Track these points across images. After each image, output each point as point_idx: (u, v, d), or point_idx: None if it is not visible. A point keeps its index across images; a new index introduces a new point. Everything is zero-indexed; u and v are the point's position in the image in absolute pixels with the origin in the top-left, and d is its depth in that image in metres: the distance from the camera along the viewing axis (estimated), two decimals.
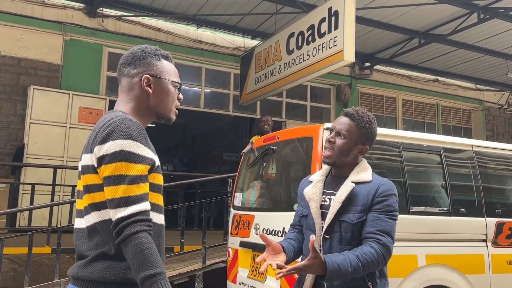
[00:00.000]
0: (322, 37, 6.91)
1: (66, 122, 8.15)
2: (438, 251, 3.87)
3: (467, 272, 3.93)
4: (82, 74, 8.46)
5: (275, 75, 8.02)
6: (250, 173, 4.89)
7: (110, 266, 1.55)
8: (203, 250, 5.76)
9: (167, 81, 1.77)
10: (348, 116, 2.23)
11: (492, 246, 4.11)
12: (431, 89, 11.87)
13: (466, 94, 12.36)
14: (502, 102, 12.70)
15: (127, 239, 1.47)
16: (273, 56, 8.11)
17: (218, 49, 9.60)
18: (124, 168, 1.52)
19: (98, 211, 1.59)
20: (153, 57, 1.78)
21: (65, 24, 8.40)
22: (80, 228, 1.66)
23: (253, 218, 4.35)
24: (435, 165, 4.15)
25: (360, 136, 2.20)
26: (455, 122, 12.43)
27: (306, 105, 10.74)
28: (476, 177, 4.21)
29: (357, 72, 10.83)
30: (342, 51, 6.49)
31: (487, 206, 4.17)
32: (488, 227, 4.12)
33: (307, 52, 7.22)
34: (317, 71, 7.07)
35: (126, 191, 1.51)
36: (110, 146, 1.54)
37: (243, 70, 9.24)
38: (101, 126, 1.62)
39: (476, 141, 4.47)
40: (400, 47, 9.87)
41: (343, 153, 2.19)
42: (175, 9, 8.69)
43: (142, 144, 1.58)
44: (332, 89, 10.98)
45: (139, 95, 1.74)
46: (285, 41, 7.77)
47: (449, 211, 4.01)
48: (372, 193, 2.10)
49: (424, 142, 4.14)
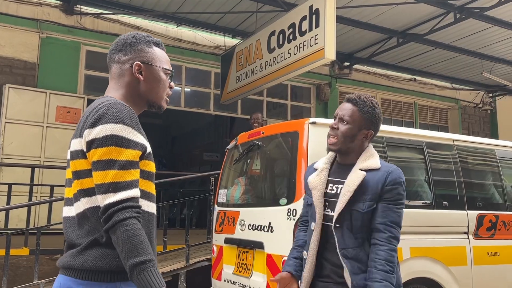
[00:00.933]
0: (303, 35, 6.94)
1: (43, 121, 7.99)
2: (422, 244, 3.94)
3: (450, 264, 4.01)
4: (59, 73, 8.30)
5: (256, 73, 8.02)
6: (234, 170, 4.88)
7: (103, 254, 1.51)
8: (186, 249, 5.72)
9: (158, 68, 1.75)
10: (350, 101, 2.22)
11: (474, 238, 4.20)
12: (408, 88, 12.06)
13: (442, 93, 12.59)
14: (477, 101, 12.98)
15: (115, 225, 1.44)
16: (254, 54, 8.11)
17: (198, 47, 9.56)
18: (114, 153, 1.49)
19: (88, 197, 1.55)
20: (144, 43, 1.76)
21: (41, 22, 8.23)
22: (70, 216, 1.62)
23: (238, 214, 4.35)
24: (418, 159, 4.22)
25: (364, 120, 2.18)
26: (432, 121, 12.65)
27: (287, 104, 10.79)
28: (458, 171, 4.30)
29: (336, 71, 10.93)
30: (323, 49, 6.53)
31: (468, 199, 4.26)
32: (470, 220, 4.21)
33: (288, 51, 7.24)
34: (298, 69, 7.09)
35: (116, 176, 1.47)
36: (101, 130, 1.50)
37: (223, 69, 9.21)
38: (91, 110, 1.59)
39: (457, 136, 4.56)
40: (378, 47, 10.00)
41: (347, 139, 2.16)
42: (154, 7, 8.62)
43: (133, 129, 1.55)
44: (312, 88, 11.06)
45: (129, 82, 1.72)
46: (266, 39, 7.78)
47: (432, 205, 4.08)
48: (382, 181, 2.09)
49: (407, 136, 4.21)
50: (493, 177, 4.61)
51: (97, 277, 1.51)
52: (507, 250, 4.37)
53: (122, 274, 1.51)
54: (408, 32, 9.31)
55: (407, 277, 3.78)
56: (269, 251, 3.81)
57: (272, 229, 3.82)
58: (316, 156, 3.63)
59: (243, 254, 4.19)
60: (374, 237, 2.08)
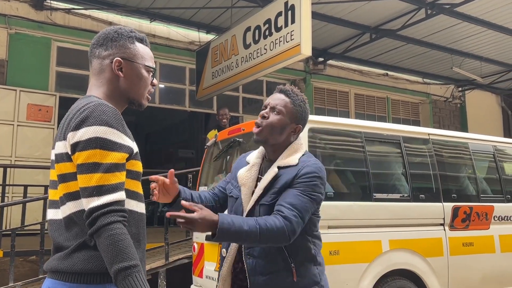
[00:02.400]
0: (279, 31, 6.97)
1: (14, 119, 7.80)
2: (401, 236, 4.04)
3: (427, 255, 4.12)
4: (29, 70, 8.10)
5: (232, 69, 8.02)
6: (214, 167, 4.88)
7: (92, 256, 1.50)
8: (165, 247, 5.69)
9: (139, 65, 1.72)
10: (283, 92, 2.14)
11: (449, 230, 4.33)
12: (381, 83, 12.24)
13: (414, 88, 12.83)
14: (447, 95, 13.28)
15: (100, 229, 1.43)
16: (229, 50, 8.10)
17: (172, 43, 9.48)
18: (99, 156, 1.48)
19: (74, 201, 1.54)
20: (127, 39, 1.73)
21: (9, 17, 8.00)
22: (57, 219, 1.60)
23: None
24: (395, 153, 4.32)
25: (294, 113, 2.11)
26: (404, 115, 12.89)
27: (263, 100, 10.80)
28: (434, 164, 4.42)
29: (311, 67, 11.01)
30: (299, 45, 6.56)
31: (444, 191, 4.39)
32: (445, 212, 4.33)
33: (264, 46, 7.26)
34: (274, 65, 7.10)
35: (101, 179, 1.46)
36: (85, 132, 1.49)
37: (199, 65, 9.17)
38: (75, 111, 1.57)
39: (433, 130, 4.68)
40: (352, 42, 10.11)
41: (276, 130, 2.08)
42: (127, 2, 8.50)
43: (118, 131, 1.53)
44: (287, 84, 11.08)
45: (110, 78, 1.69)
46: (241, 35, 7.78)
47: (409, 198, 4.19)
48: (293, 175, 2.00)
49: (385, 131, 4.29)
50: (466, 170, 4.76)
51: (86, 280, 1.50)
52: (481, 240, 4.53)
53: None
54: (381, 27, 9.45)
55: (386, 269, 3.89)
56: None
57: None
58: None
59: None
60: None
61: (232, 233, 1.80)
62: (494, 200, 4.76)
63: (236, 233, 1.81)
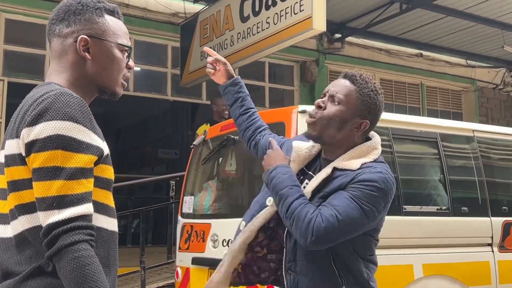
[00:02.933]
0: (285, 0, 6.96)
1: None
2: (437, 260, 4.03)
3: (471, 284, 4.12)
4: None
5: (226, 48, 8.02)
6: (202, 172, 4.88)
7: (50, 285, 1.49)
8: (141, 272, 5.71)
9: (111, 43, 1.72)
10: (348, 78, 2.16)
11: (499, 251, 4.32)
12: (414, 66, 12.20)
13: (455, 72, 12.79)
14: (497, 81, 13.25)
15: (61, 251, 1.41)
16: (223, 24, 8.09)
17: (150, 15, 9.44)
18: (60, 158, 1.46)
19: (28, 214, 1.53)
20: (94, 11, 1.71)
21: None
22: (6, 237, 1.59)
23: (209, 228, 4.35)
24: (431, 155, 4.30)
25: (361, 105, 2.10)
26: (442, 106, 12.87)
27: (264, 86, 10.80)
28: (479, 169, 4.40)
29: (325, 45, 10.97)
30: (311, 18, 6.54)
31: (492, 203, 4.37)
32: (494, 229, 4.32)
33: (266, 19, 7.24)
34: (279, 42, 7.11)
35: (63, 188, 1.44)
36: (43, 128, 1.47)
37: (184, 43, 9.18)
38: (31, 102, 1.55)
39: (478, 126, 4.67)
40: (377, 14, 10.05)
41: (334, 124, 2.08)
42: None
43: (85, 127, 1.52)
44: (296, 67, 11.10)
45: (74, 61, 1.68)
46: (238, 5, 7.77)
47: (448, 211, 4.17)
48: (349, 179, 2.02)
49: (418, 127, 4.28)
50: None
51: None
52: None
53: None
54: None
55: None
56: None
57: None
58: None
59: None
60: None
61: (277, 179, 2.08)
62: None
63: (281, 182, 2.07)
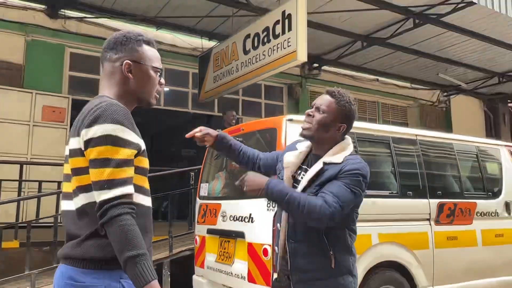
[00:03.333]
0: (277, 38, 6.92)
1: (30, 120, 7.77)
2: (389, 230, 4.01)
3: (413, 248, 4.10)
4: (44, 74, 8.08)
5: (232, 73, 7.98)
6: (214, 165, 4.86)
7: (102, 244, 1.50)
8: (169, 240, 5.67)
9: (147, 66, 1.72)
10: (329, 93, 2.19)
11: (435, 225, 4.30)
12: (372, 88, 12.18)
13: (402, 93, 12.78)
14: (433, 100, 13.25)
15: (111, 220, 1.44)
16: (230, 56, 8.06)
17: (177, 49, 9.43)
18: (110, 152, 1.49)
19: (85, 193, 1.55)
20: (135, 42, 1.72)
21: (27, 25, 7.98)
22: (70, 210, 1.61)
23: (219, 207, 4.34)
24: (385, 153, 4.29)
25: (338, 113, 2.14)
26: (393, 118, 12.83)
27: (261, 102, 10.78)
28: (420, 163, 4.39)
29: (306, 72, 10.97)
30: (296, 52, 6.52)
31: (430, 189, 4.36)
32: (431, 208, 4.31)
33: (262, 52, 7.21)
34: (272, 70, 7.06)
35: (111, 174, 1.47)
36: (97, 129, 1.50)
37: (201, 70, 9.13)
38: (89, 110, 1.57)
39: (420, 131, 4.65)
40: (345, 49, 10.07)
41: (321, 127, 2.13)
42: (135, 11, 8.47)
43: (128, 129, 1.54)
44: (284, 88, 11.09)
45: (120, 80, 1.69)
46: (241, 42, 7.74)
47: (398, 194, 4.16)
48: (337, 171, 2.04)
49: (375, 132, 4.27)
50: (451, 169, 4.74)
51: (96, 266, 1.51)
52: (464, 235, 4.51)
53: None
54: (371, 36, 9.41)
55: (375, 261, 3.86)
56: (250, 240, 3.81)
57: (252, 220, 3.82)
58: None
59: (225, 243, 4.17)
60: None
61: (276, 191, 1.97)
62: (477, 197, 4.73)
63: (279, 192, 1.97)
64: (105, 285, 1.50)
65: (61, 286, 1.55)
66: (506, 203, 4.92)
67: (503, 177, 5.05)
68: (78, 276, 1.51)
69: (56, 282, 1.59)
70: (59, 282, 1.56)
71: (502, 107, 14.08)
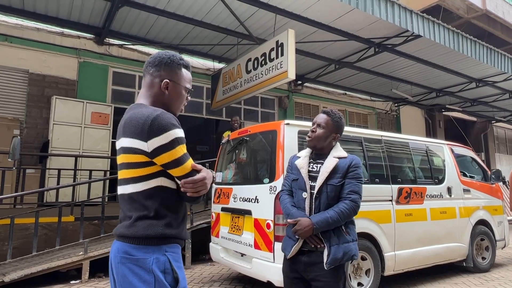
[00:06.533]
0: (272, 61, 6.82)
1: (81, 123, 7.59)
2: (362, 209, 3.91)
3: (380, 222, 4.02)
4: (93, 88, 7.91)
5: (237, 88, 7.87)
6: (226, 159, 4.74)
7: (151, 224, 1.41)
8: (191, 215, 5.55)
9: (181, 86, 1.61)
10: (325, 113, 2.26)
11: (396, 204, 4.23)
12: (341, 100, 12.12)
13: (364, 104, 12.73)
14: (387, 109, 13.20)
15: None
16: (235, 74, 7.94)
17: (194, 70, 9.23)
18: (181, 150, 1.43)
19: (134, 183, 1.44)
20: (176, 65, 1.59)
21: (79, 50, 7.80)
22: (125, 193, 1.49)
23: (231, 190, 4.23)
24: (358, 149, 4.20)
25: (333, 127, 2.23)
26: (357, 123, 12.78)
27: (258, 110, 10.66)
28: (385, 157, 4.31)
29: (293, 87, 10.87)
30: (287, 72, 6.43)
31: (392, 177, 4.28)
32: (393, 191, 4.23)
33: (260, 72, 7.11)
34: (268, 86, 6.97)
35: (190, 165, 1.46)
36: (167, 136, 1.41)
37: (213, 85, 9.00)
38: (144, 118, 1.43)
39: (384, 133, 4.57)
40: (322, 70, 9.98)
41: (321, 139, 2.22)
42: (163, 40, 8.31)
43: (181, 129, 1.47)
44: (276, 99, 10.96)
45: (157, 93, 1.57)
46: (244, 64, 7.62)
47: (368, 181, 4.08)
48: (348, 164, 2.16)
49: (350, 133, 4.18)
50: (407, 161, 4.66)
51: (146, 242, 1.42)
52: (417, 212, 4.44)
53: (167, 239, 1.43)
54: (342, 60, 9.32)
55: None
56: (256, 216, 3.72)
57: (258, 201, 3.72)
58: (290, 148, 3.55)
59: (236, 218, 4.07)
60: (340, 198, 2.12)
61: (320, 222, 2.03)
62: (426, 183, 4.66)
63: (323, 220, 2.03)
64: (154, 257, 1.40)
65: (117, 259, 1.44)
66: (448, 187, 4.86)
67: (445, 168, 4.99)
68: (131, 250, 1.41)
69: (112, 255, 1.48)
70: (115, 255, 1.45)
71: (438, 115, 14.08)
